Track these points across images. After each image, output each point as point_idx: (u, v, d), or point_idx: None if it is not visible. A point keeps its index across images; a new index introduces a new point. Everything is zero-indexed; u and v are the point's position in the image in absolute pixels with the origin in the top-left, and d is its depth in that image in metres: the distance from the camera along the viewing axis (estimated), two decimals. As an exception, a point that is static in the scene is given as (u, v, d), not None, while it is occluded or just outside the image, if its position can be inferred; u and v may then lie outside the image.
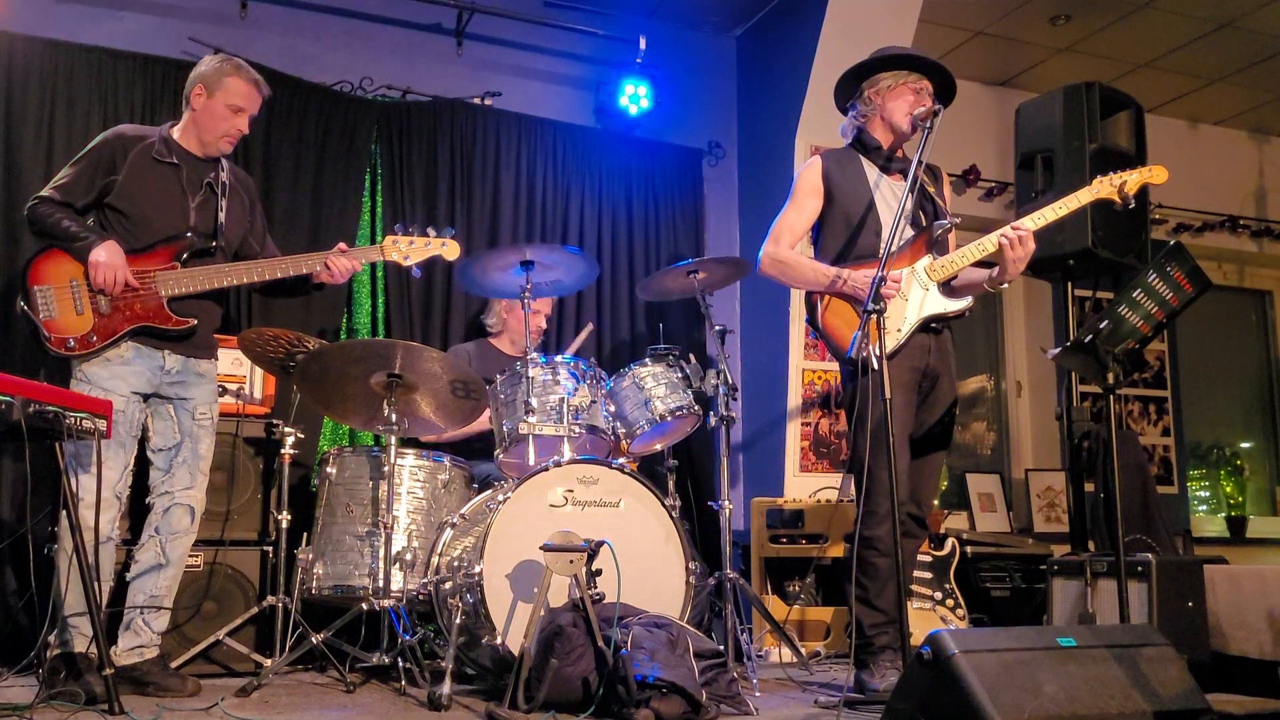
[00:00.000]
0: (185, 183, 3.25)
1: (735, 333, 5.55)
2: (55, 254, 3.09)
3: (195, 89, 3.28)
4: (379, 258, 3.51)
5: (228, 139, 3.31)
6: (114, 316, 3.09)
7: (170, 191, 3.23)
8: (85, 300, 3.08)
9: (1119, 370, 3.00)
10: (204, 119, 3.27)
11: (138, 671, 3.10)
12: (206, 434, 3.29)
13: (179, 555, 3.25)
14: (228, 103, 3.27)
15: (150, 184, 3.20)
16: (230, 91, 3.27)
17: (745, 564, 4.75)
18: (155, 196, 3.20)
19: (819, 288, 3.31)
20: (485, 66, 5.20)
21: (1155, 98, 6.35)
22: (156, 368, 3.17)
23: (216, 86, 3.26)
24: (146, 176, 3.19)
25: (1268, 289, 7.28)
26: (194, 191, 3.26)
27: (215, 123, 3.27)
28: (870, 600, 3.13)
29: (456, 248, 3.56)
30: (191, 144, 3.30)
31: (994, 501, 5.99)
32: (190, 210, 3.24)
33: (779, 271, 3.38)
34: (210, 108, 3.26)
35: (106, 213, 3.17)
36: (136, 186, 3.18)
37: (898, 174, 3.39)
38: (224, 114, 3.27)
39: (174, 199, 3.23)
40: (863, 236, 3.32)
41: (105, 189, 3.16)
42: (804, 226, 3.43)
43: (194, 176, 3.27)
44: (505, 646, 2.95)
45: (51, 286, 3.07)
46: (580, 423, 3.39)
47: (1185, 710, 2.41)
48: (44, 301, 3.05)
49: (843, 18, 5.08)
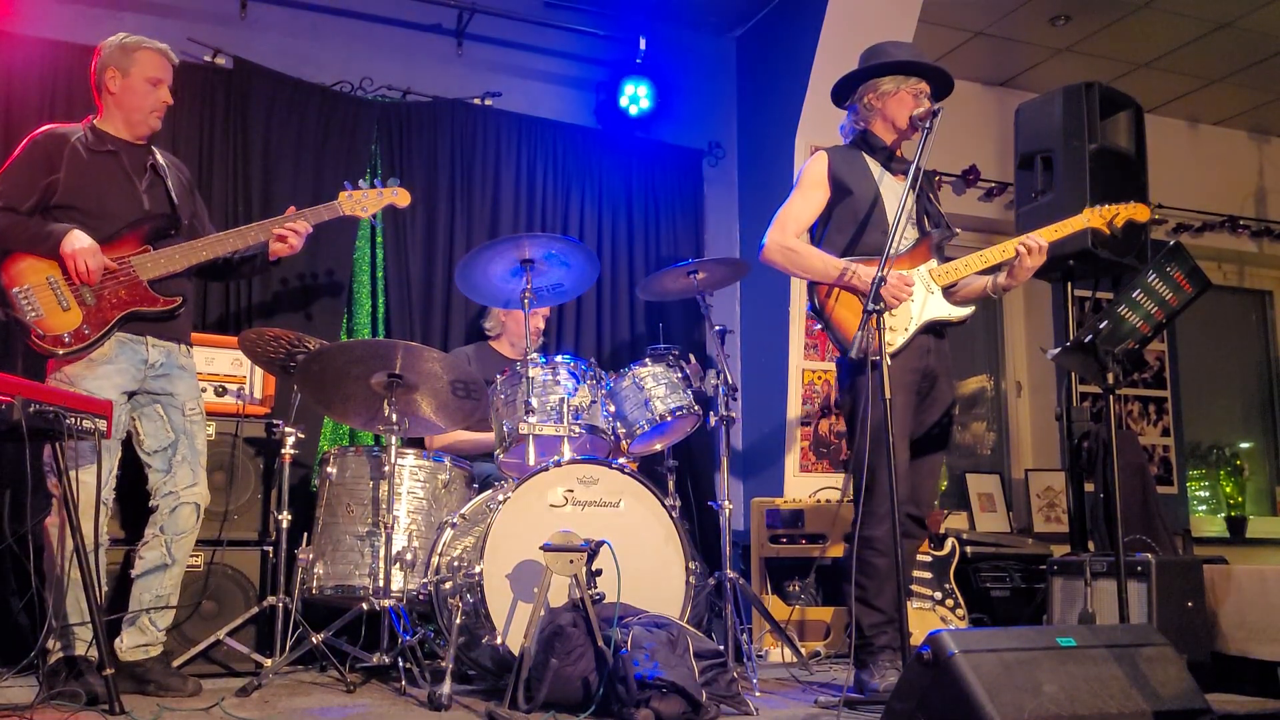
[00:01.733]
0: (129, 168, 3.22)
1: (735, 333, 5.55)
2: (21, 256, 3.04)
3: (107, 73, 3.23)
4: (337, 214, 3.48)
5: (156, 113, 3.27)
6: (101, 306, 3.06)
7: (116, 179, 3.19)
8: (69, 295, 3.04)
9: (1119, 370, 3.00)
10: (127, 99, 3.23)
11: (140, 669, 3.11)
12: (199, 429, 3.28)
13: (184, 554, 3.25)
14: (145, 77, 3.23)
15: (95, 175, 3.15)
16: (144, 65, 3.24)
17: (745, 564, 4.75)
18: (104, 186, 3.16)
19: (826, 279, 3.27)
20: (485, 67, 5.20)
21: (1155, 98, 6.35)
22: (140, 361, 3.15)
23: (129, 64, 3.23)
24: (88, 169, 3.15)
25: (1268, 289, 7.28)
26: (139, 176, 3.23)
27: (139, 100, 3.23)
28: (869, 600, 3.13)
29: (407, 195, 3.58)
30: (120, 129, 3.25)
31: (994, 501, 5.99)
32: (140, 194, 3.21)
33: (786, 259, 3.33)
34: (129, 86, 3.22)
35: (57, 214, 3.10)
36: (82, 180, 3.13)
37: (900, 174, 3.39)
38: (145, 89, 3.23)
39: (122, 185, 3.19)
40: (869, 233, 3.31)
41: (48, 189, 3.10)
42: (809, 218, 3.40)
43: (134, 162, 3.24)
44: (505, 646, 2.95)
45: (30, 285, 3.02)
46: (580, 423, 3.39)
47: (1185, 710, 2.41)
48: (27, 303, 3.01)
49: (843, 18, 5.08)
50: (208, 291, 4.35)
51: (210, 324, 4.36)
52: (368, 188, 3.53)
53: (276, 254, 3.39)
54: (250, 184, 4.56)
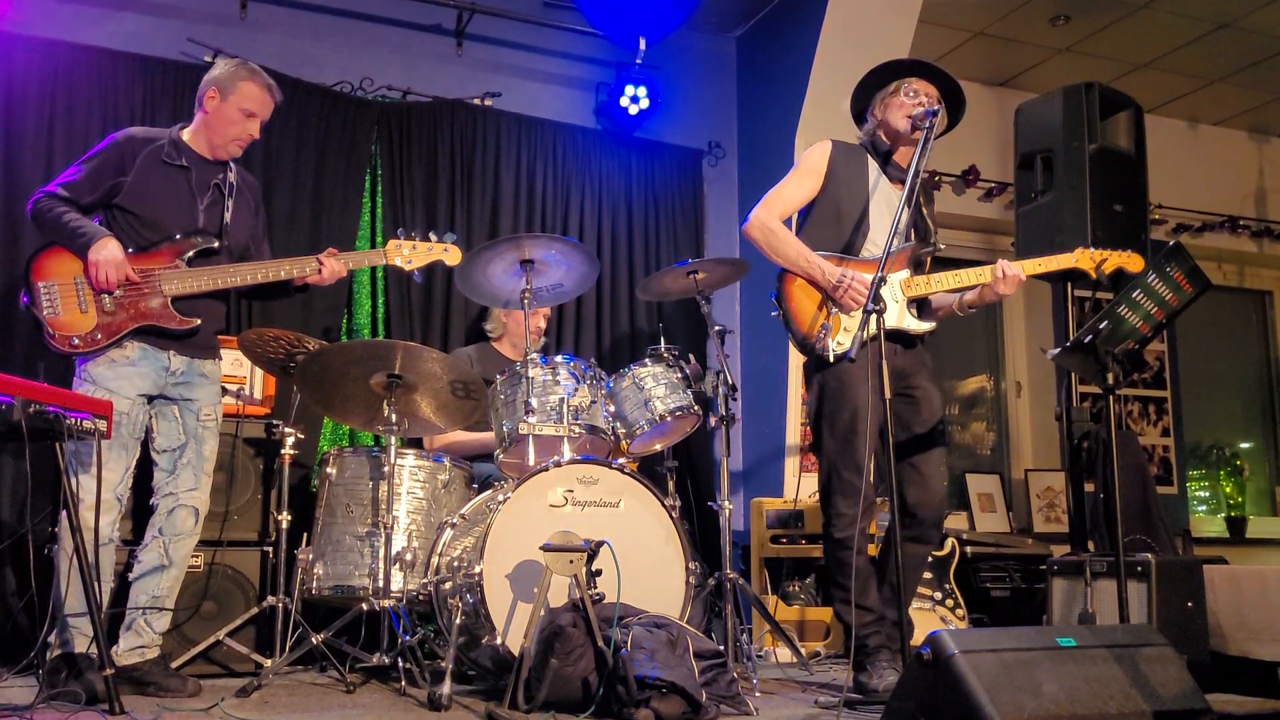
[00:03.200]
0: (194, 184, 3.25)
1: (735, 333, 5.56)
2: (58, 250, 3.09)
3: (209, 91, 3.27)
4: (382, 261, 3.52)
5: (238, 143, 3.31)
6: (118, 315, 3.09)
7: (179, 193, 3.23)
8: (89, 298, 3.07)
9: (1119, 370, 3.00)
10: (216, 122, 3.27)
11: (138, 671, 3.10)
12: (211, 435, 3.29)
13: (182, 556, 3.24)
14: (240, 106, 3.26)
15: (159, 185, 3.20)
16: (244, 95, 3.27)
17: (745, 564, 4.75)
18: (165, 198, 3.20)
19: (794, 268, 3.28)
20: (485, 67, 5.20)
21: (1155, 98, 6.36)
22: (162, 369, 3.17)
23: (230, 90, 3.26)
24: (156, 178, 3.19)
25: (1268, 289, 7.28)
26: (202, 193, 3.26)
27: (227, 126, 3.27)
28: (854, 601, 3.12)
29: (458, 254, 3.56)
30: (201, 146, 3.30)
31: (994, 502, 5.99)
32: (199, 212, 3.25)
33: (764, 238, 3.32)
34: (223, 111, 3.26)
35: (115, 213, 3.17)
36: (146, 188, 3.17)
37: (898, 182, 3.37)
38: (236, 118, 3.27)
39: (183, 200, 3.23)
40: (848, 234, 3.32)
41: (113, 189, 3.15)
42: (798, 202, 3.41)
43: (203, 178, 3.27)
44: (505, 647, 2.95)
45: (55, 282, 3.07)
46: (580, 423, 3.39)
47: (1185, 710, 2.41)
48: (48, 298, 3.05)
49: (843, 18, 5.08)
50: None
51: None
52: (420, 239, 3.51)
53: (305, 281, 3.40)
54: (250, 184, 4.56)
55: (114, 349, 3.09)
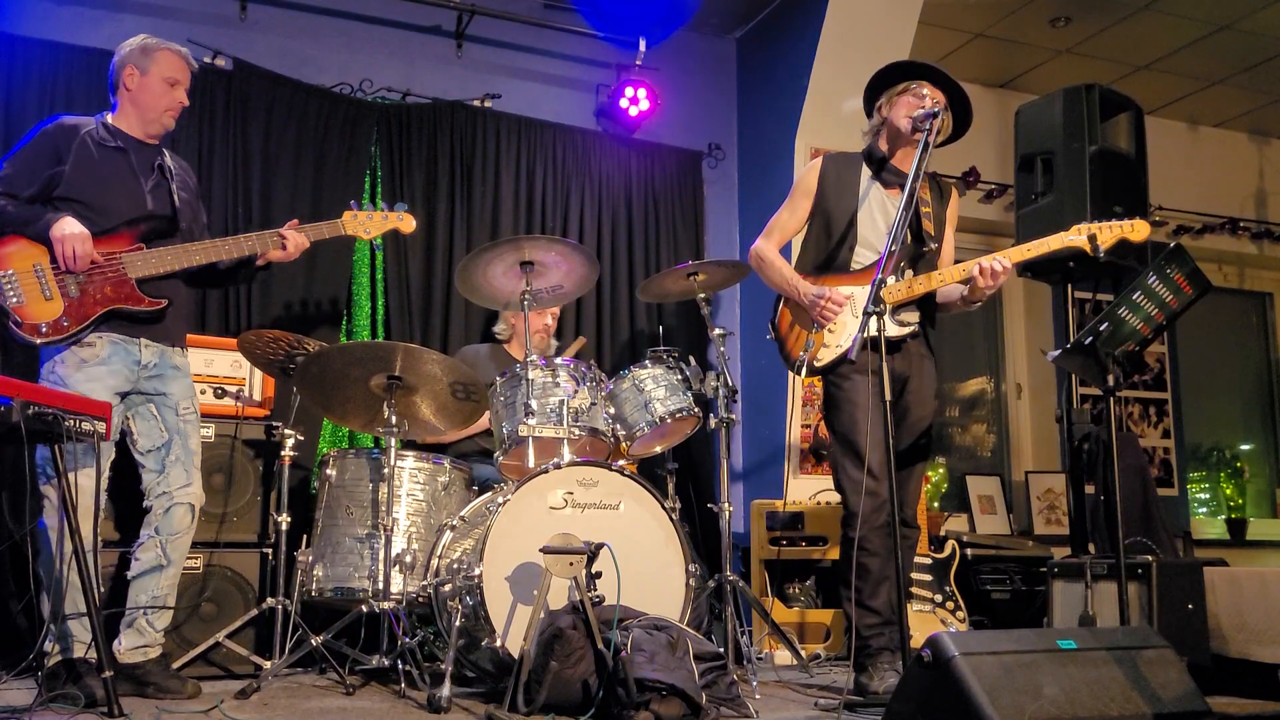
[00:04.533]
0: (136, 167, 3.22)
1: (735, 334, 5.55)
2: (12, 239, 3.02)
3: (126, 70, 3.24)
4: (340, 232, 3.48)
5: (171, 113, 3.28)
6: (84, 300, 3.04)
7: (122, 176, 3.19)
8: (53, 284, 3.02)
9: (1119, 372, 3.00)
10: (143, 98, 3.24)
11: (140, 671, 3.10)
12: (193, 428, 3.27)
13: (180, 554, 3.24)
14: (163, 76, 3.25)
15: (101, 170, 3.15)
16: (163, 65, 3.25)
17: (745, 566, 4.75)
18: (109, 182, 3.16)
19: (783, 292, 3.44)
20: (485, 68, 5.20)
21: (1155, 99, 6.36)
22: (133, 363, 3.13)
23: (149, 63, 3.24)
24: (95, 163, 3.15)
25: (1268, 291, 7.28)
26: (145, 175, 3.23)
27: (155, 99, 3.24)
28: (862, 601, 3.13)
29: (412, 221, 3.59)
30: (133, 128, 3.26)
31: (994, 504, 5.99)
32: (145, 194, 3.21)
33: (757, 267, 3.50)
34: (147, 85, 3.24)
35: (60, 205, 3.10)
36: (88, 174, 3.13)
37: (897, 188, 3.35)
38: (162, 89, 3.25)
39: (128, 183, 3.19)
40: (835, 249, 3.37)
41: (52, 180, 3.09)
42: (795, 226, 3.51)
43: (142, 161, 3.24)
44: (505, 649, 2.95)
45: (14, 271, 3.00)
46: (580, 425, 3.38)
47: (1185, 712, 2.41)
48: (9, 287, 2.99)
49: (843, 20, 5.08)
50: (207, 293, 4.34)
51: (210, 326, 4.35)
52: (373, 210, 3.52)
53: (268, 258, 3.38)
54: (250, 185, 4.56)
55: (81, 347, 3.04)
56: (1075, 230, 3.25)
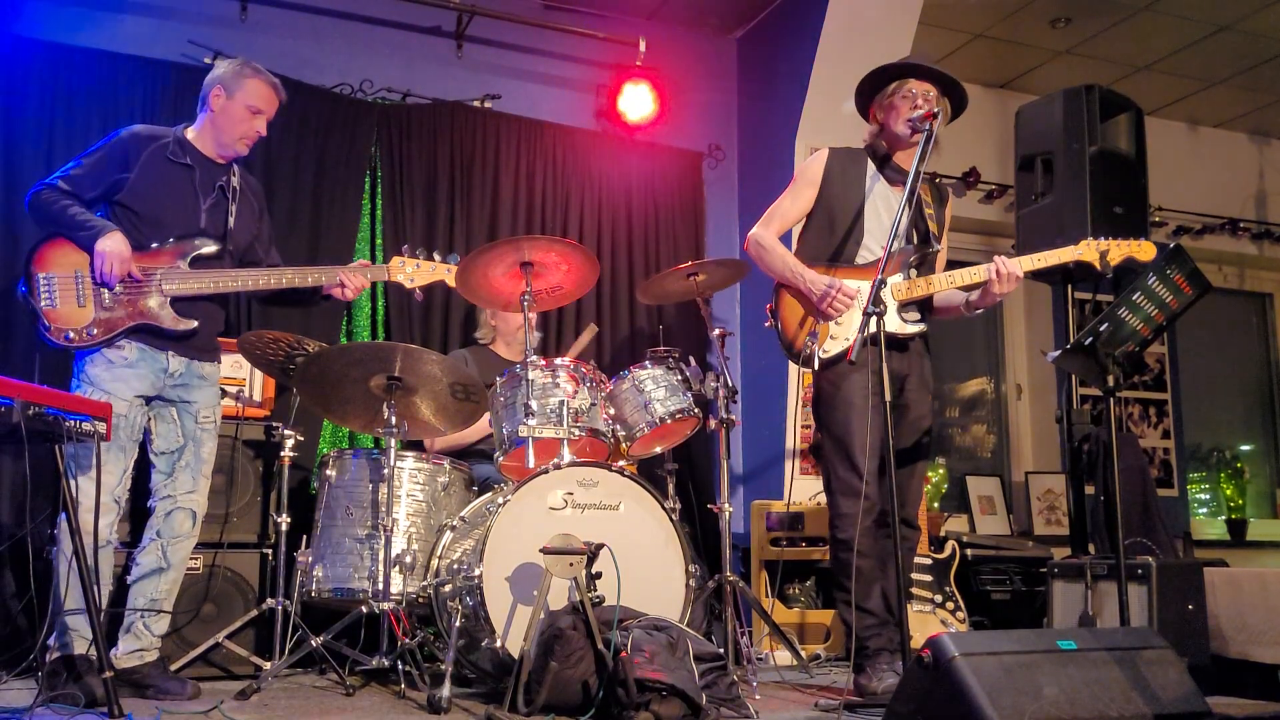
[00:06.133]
0: (198, 185, 3.25)
1: (735, 335, 5.55)
2: (62, 242, 3.07)
3: (214, 90, 3.27)
4: (385, 278, 3.51)
5: (245, 141, 3.31)
6: (115, 311, 3.07)
7: (183, 192, 3.22)
8: (89, 292, 3.05)
9: (1119, 373, 3.00)
10: (223, 121, 3.27)
11: (138, 674, 3.10)
12: (209, 437, 3.29)
13: (180, 559, 3.24)
14: (247, 104, 3.27)
15: (163, 184, 3.19)
16: (250, 93, 3.27)
17: (745, 567, 4.74)
18: (168, 197, 3.20)
19: (784, 281, 3.37)
20: (485, 69, 5.20)
21: (1155, 100, 6.35)
22: (160, 370, 3.16)
23: (236, 88, 3.26)
24: (159, 176, 3.19)
25: (1268, 291, 7.28)
26: (206, 194, 3.26)
27: (234, 125, 3.27)
28: (856, 603, 3.12)
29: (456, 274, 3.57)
30: (207, 146, 3.30)
31: (994, 504, 5.99)
32: (201, 212, 3.24)
33: (756, 254, 3.44)
34: (229, 109, 3.27)
35: (117, 210, 3.15)
36: (149, 186, 3.17)
37: (899, 184, 3.35)
38: (243, 116, 3.27)
39: (186, 200, 3.23)
40: (839, 241, 3.35)
41: (115, 186, 3.14)
42: (796, 215, 3.47)
43: (206, 179, 3.27)
44: (505, 649, 2.95)
45: (55, 274, 3.05)
46: (580, 425, 3.39)
47: (1185, 713, 2.41)
48: (46, 289, 3.03)
49: (843, 20, 5.07)
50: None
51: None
52: (424, 259, 3.51)
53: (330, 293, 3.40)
54: (250, 186, 4.56)
55: (112, 350, 3.08)
56: (1085, 244, 3.28)
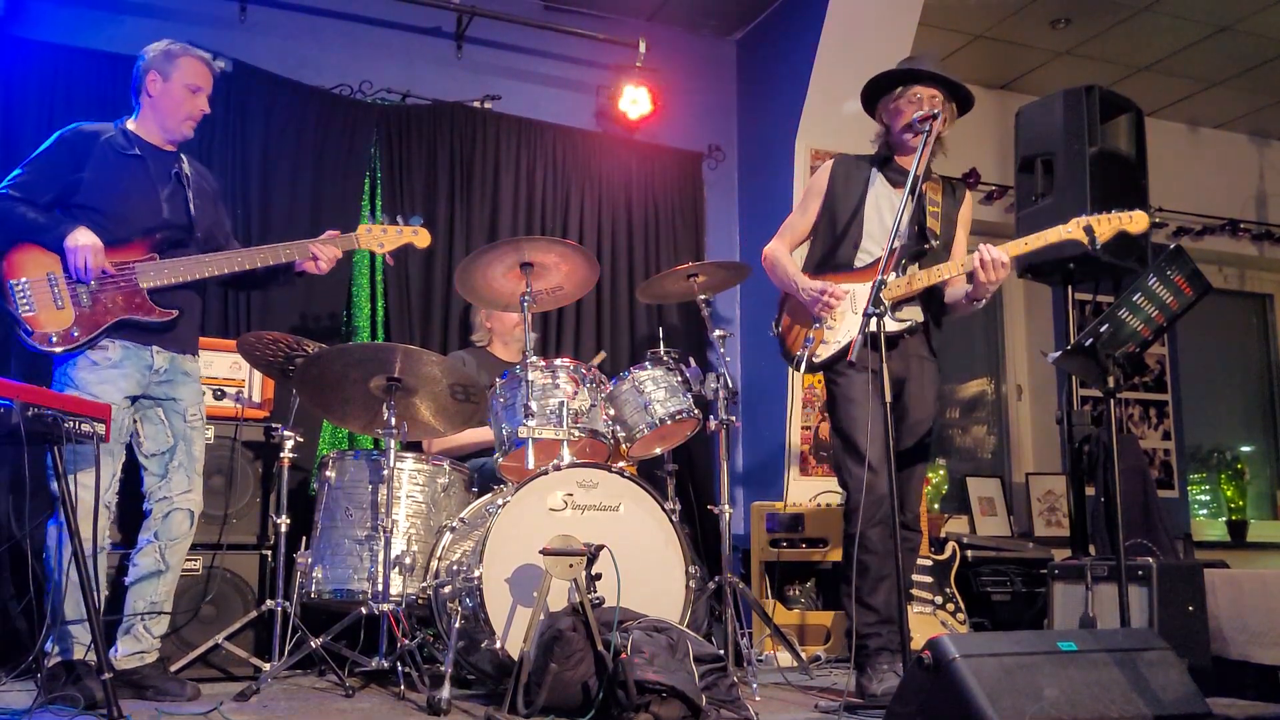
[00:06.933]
0: (153, 175, 3.21)
1: (735, 336, 5.55)
2: (28, 247, 3.02)
3: (149, 76, 3.24)
4: (354, 245, 3.49)
5: (190, 121, 3.28)
6: (95, 309, 3.05)
7: (140, 184, 3.19)
8: (65, 294, 3.02)
9: (1119, 374, 2.99)
10: (164, 104, 3.24)
11: (137, 676, 3.10)
12: (199, 435, 3.28)
13: (178, 560, 3.24)
14: (185, 83, 3.24)
15: (119, 178, 3.15)
16: (185, 72, 3.25)
17: (745, 568, 4.74)
18: (126, 190, 3.16)
19: (785, 289, 3.48)
20: (485, 70, 5.20)
21: (1155, 101, 6.35)
22: (145, 367, 3.14)
23: (171, 70, 3.24)
24: (114, 171, 3.15)
25: (1268, 292, 7.28)
26: (162, 183, 3.23)
27: (176, 107, 3.24)
28: (861, 598, 3.13)
29: (427, 236, 3.60)
30: (153, 134, 3.26)
31: (994, 505, 5.98)
32: (162, 202, 3.21)
33: (768, 267, 3.54)
34: (169, 92, 3.23)
35: (76, 212, 3.10)
36: (105, 181, 3.13)
37: (903, 186, 3.35)
38: (183, 96, 3.25)
39: (145, 192, 3.19)
40: (839, 247, 3.40)
41: (71, 187, 3.09)
42: (805, 228, 3.54)
43: (160, 168, 3.24)
44: (505, 651, 2.94)
45: (28, 279, 3.01)
46: (580, 427, 3.38)
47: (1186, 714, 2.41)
48: (23, 296, 3.00)
49: (843, 21, 5.07)
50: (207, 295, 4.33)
51: (210, 327, 4.34)
52: (388, 223, 3.52)
53: (304, 269, 3.39)
54: (249, 187, 4.56)
55: (95, 350, 3.05)
56: (1074, 223, 3.19)
